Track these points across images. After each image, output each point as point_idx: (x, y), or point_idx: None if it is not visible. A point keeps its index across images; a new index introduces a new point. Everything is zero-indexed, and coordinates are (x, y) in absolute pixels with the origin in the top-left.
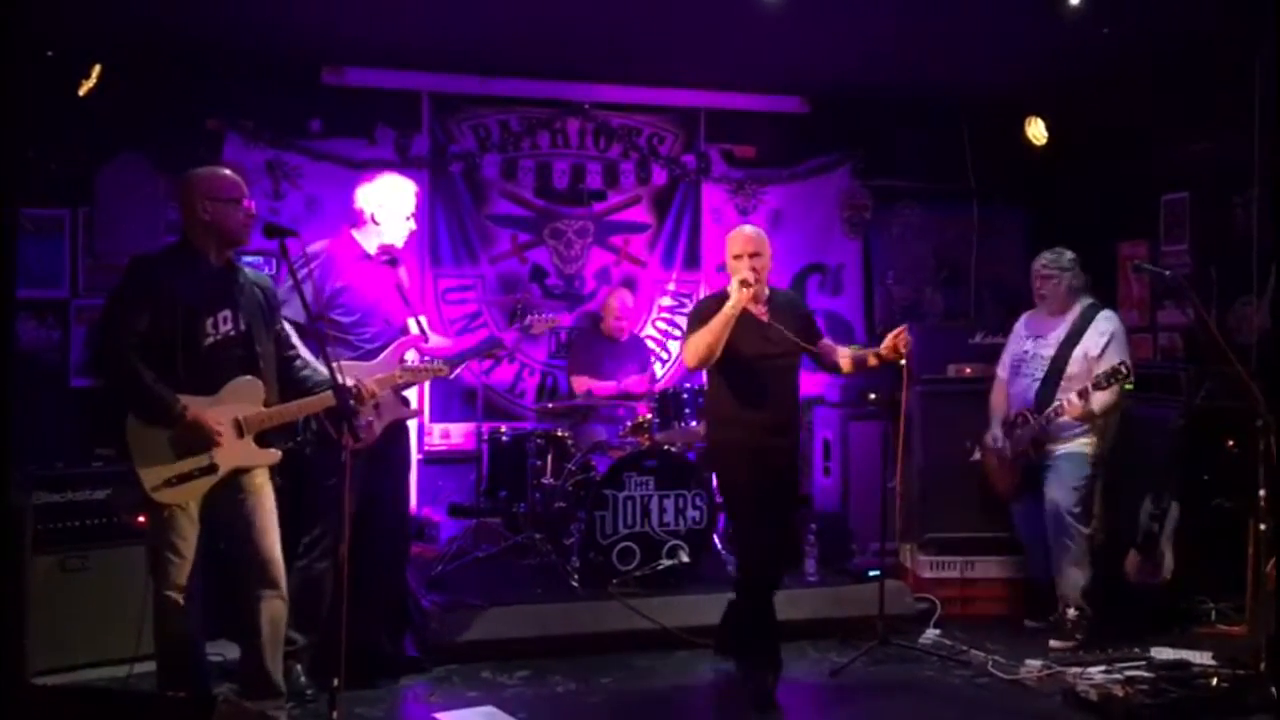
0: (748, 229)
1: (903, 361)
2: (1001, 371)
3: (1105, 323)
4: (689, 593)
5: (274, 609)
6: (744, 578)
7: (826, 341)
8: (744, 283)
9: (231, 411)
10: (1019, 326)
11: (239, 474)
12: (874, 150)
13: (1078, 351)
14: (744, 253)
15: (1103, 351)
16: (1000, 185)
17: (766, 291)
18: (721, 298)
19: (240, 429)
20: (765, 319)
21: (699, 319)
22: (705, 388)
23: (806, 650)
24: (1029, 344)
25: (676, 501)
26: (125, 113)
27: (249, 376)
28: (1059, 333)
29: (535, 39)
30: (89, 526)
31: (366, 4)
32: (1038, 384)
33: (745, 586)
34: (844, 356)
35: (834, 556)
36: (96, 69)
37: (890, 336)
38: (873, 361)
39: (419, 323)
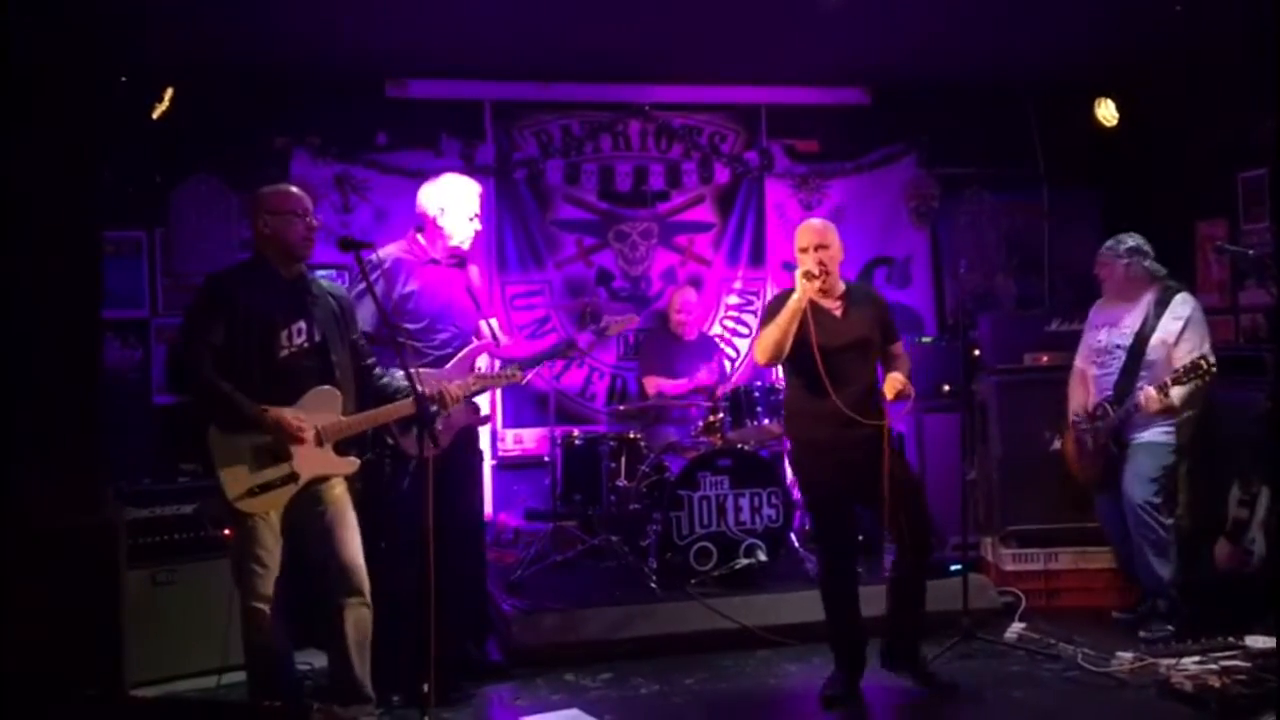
0: (815, 221)
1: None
2: (1079, 362)
3: (1181, 306)
4: (768, 591)
5: (359, 616)
6: (824, 575)
7: (897, 348)
8: (807, 274)
9: (310, 421)
10: (1091, 316)
11: (318, 484)
12: (939, 138)
13: (1155, 338)
14: (810, 245)
15: (1179, 337)
16: (1071, 168)
17: (841, 286)
18: (789, 295)
19: (319, 438)
20: (840, 313)
21: (770, 315)
22: (784, 384)
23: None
24: (1102, 334)
25: (752, 500)
26: (197, 134)
27: (326, 386)
28: (1133, 320)
29: (593, 43)
30: (177, 541)
31: (426, 17)
32: (1115, 374)
33: (824, 584)
34: (888, 378)
35: None
36: (169, 92)
37: (888, 383)
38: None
39: (490, 326)
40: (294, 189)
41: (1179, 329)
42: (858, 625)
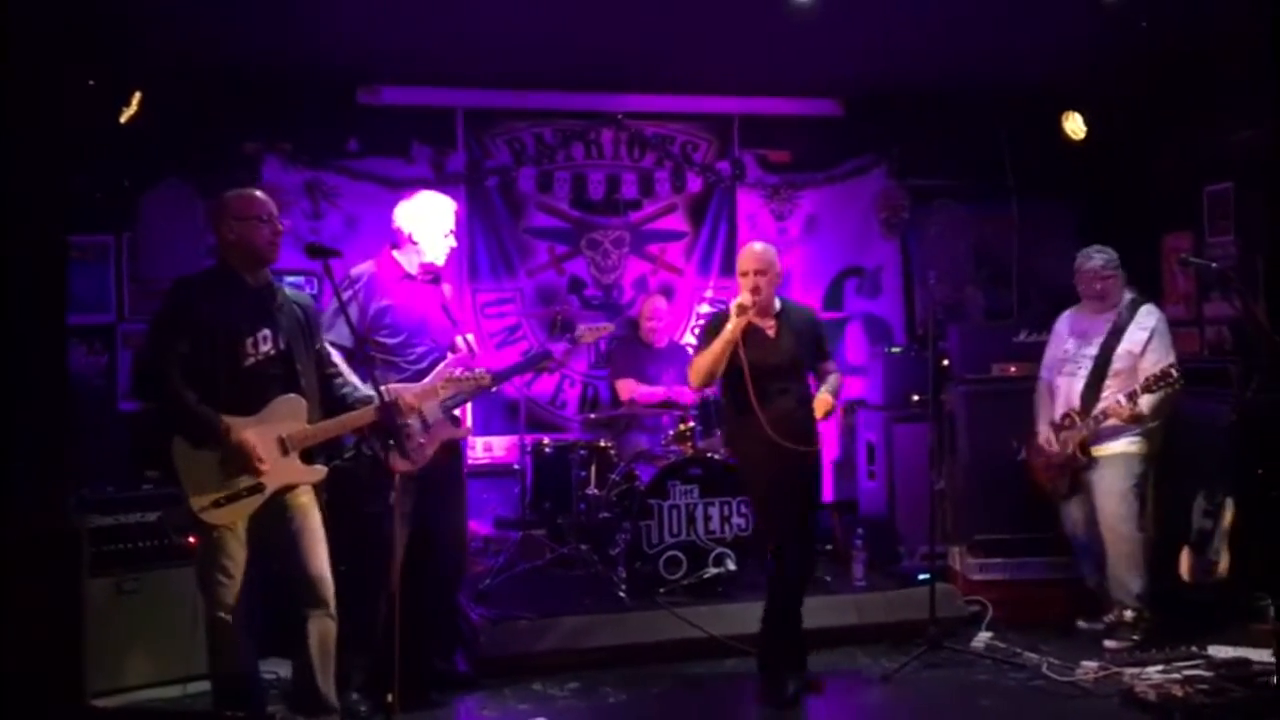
0: (756, 246)
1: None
2: (1044, 373)
3: (1147, 317)
4: (737, 600)
5: (323, 627)
6: (771, 580)
7: (829, 366)
8: (740, 307)
9: (275, 430)
10: (1060, 326)
11: (285, 493)
12: (910, 150)
13: (1121, 348)
14: (748, 270)
15: (1145, 347)
16: (1040, 180)
17: (776, 304)
18: (726, 317)
19: (284, 447)
20: (773, 333)
21: (707, 336)
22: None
23: (856, 656)
24: (1070, 344)
25: (721, 509)
26: (166, 139)
27: (291, 394)
28: (1101, 330)
29: (567, 51)
30: (141, 549)
31: (399, 23)
32: (1081, 384)
33: (771, 589)
34: (817, 399)
35: (882, 560)
36: (137, 96)
37: (816, 403)
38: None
39: (466, 340)
40: (258, 193)
41: (1145, 339)
42: (796, 627)
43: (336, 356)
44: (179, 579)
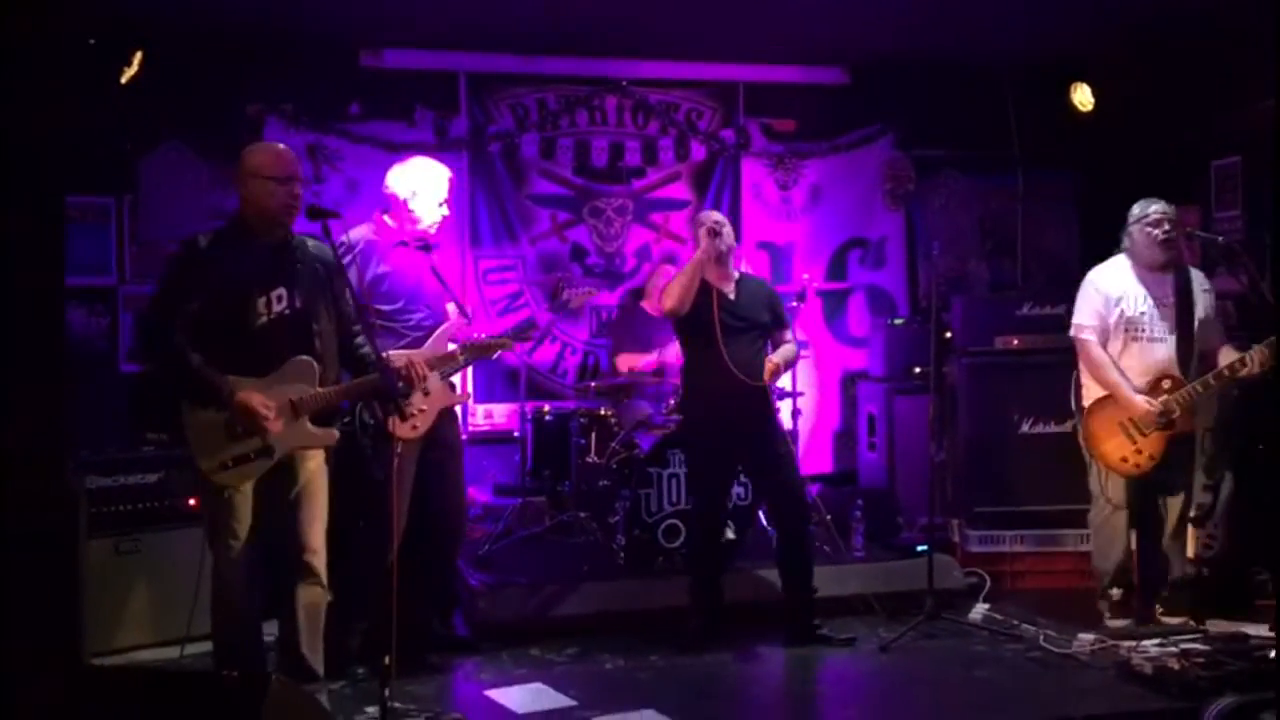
0: (714, 211)
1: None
2: (1097, 336)
3: (1204, 281)
4: (735, 569)
5: (311, 596)
6: (697, 530)
7: (784, 335)
8: (710, 231)
9: (286, 393)
10: (1126, 284)
11: (294, 456)
12: (916, 120)
13: (1198, 310)
14: (706, 221)
15: (1208, 312)
16: (1046, 152)
17: (735, 273)
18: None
19: (295, 410)
20: (733, 296)
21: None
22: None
23: (854, 626)
24: (1146, 303)
25: None
26: (167, 100)
27: (304, 356)
28: (1167, 290)
29: (571, 16)
30: (141, 510)
31: None
32: (1172, 345)
33: (697, 539)
34: (769, 358)
35: (881, 532)
36: (138, 56)
37: (766, 365)
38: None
39: (460, 306)
40: (280, 149)
41: (1211, 301)
42: (719, 574)
43: None
44: (178, 540)
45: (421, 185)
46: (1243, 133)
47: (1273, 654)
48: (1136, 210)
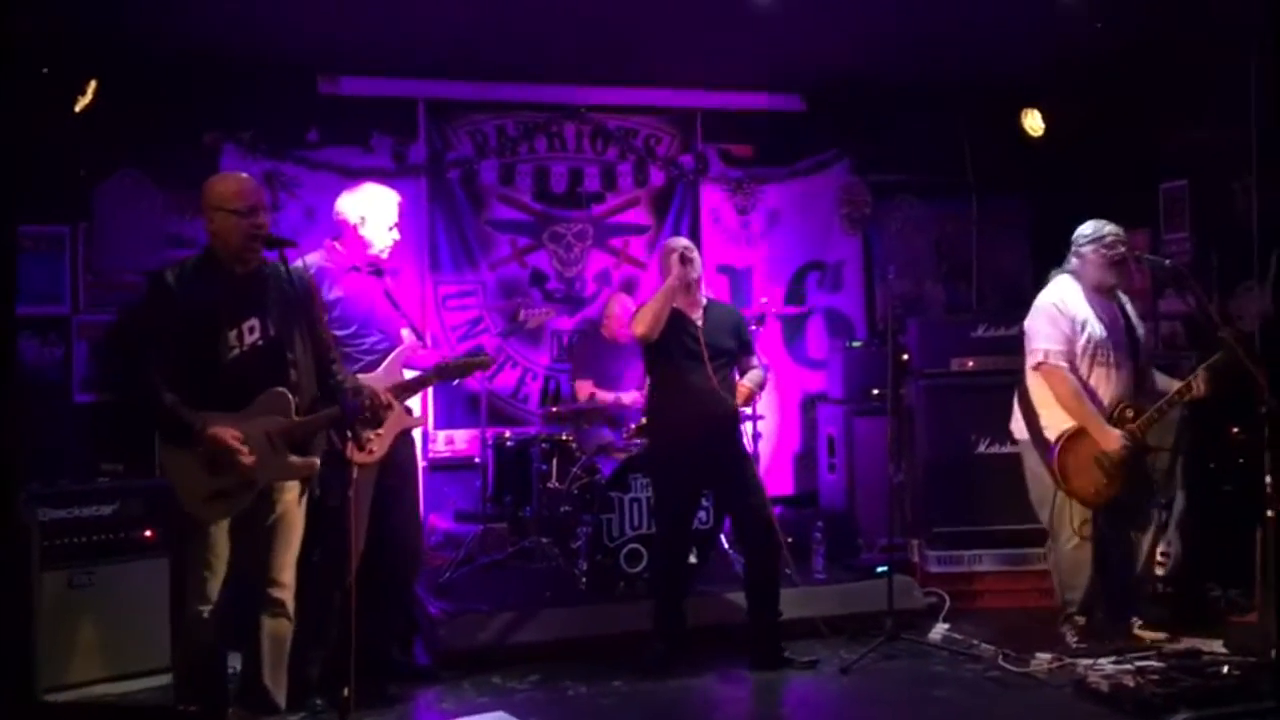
0: (682, 239)
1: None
2: (1061, 360)
3: (1130, 304)
4: (697, 593)
5: (277, 629)
6: (662, 554)
7: (751, 361)
8: (683, 257)
9: (262, 425)
10: (1072, 311)
11: (272, 486)
12: (872, 145)
13: (1140, 335)
14: (677, 248)
15: (1142, 336)
16: (999, 177)
17: (703, 300)
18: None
19: (272, 442)
20: (701, 323)
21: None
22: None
23: (815, 647)
24: (1098, 327)
25: None
26: (122, 128)
27: (279, 388)
28: (1115, 313)
29: (529, 42)
30: (95, 542)
31: (360, 12)
32: (1128, 373)
33: (661, 562)
34: (741, 382)
35: (841, 553)
36: (92, 85)
37: (738, 390)
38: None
39: (415, 330)
40: (242, 179)
41: (1144, 327)
42: (682, 599)
43: None
44: (133, 572)
45: (371, 210)
46: (1190, 156)
47: (1225, 669)
48: (1089, 230)
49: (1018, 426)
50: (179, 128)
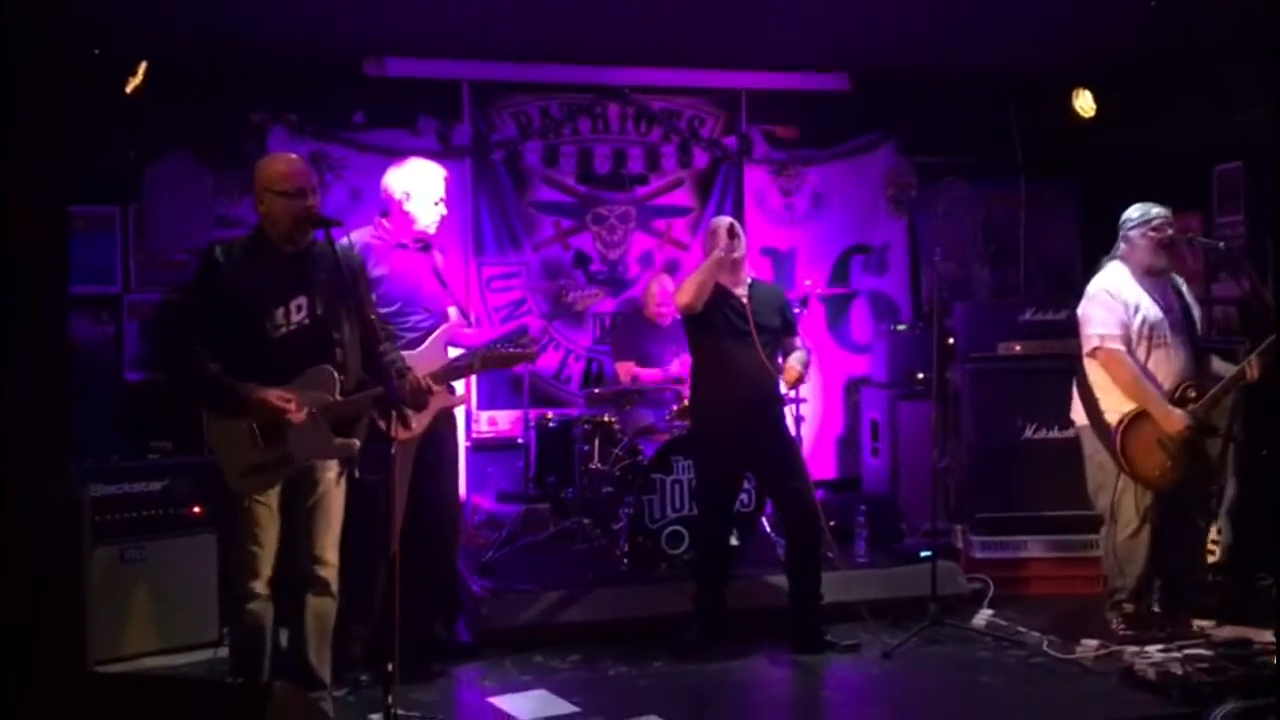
0: (727, 218)
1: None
2: (1117, 344)
3: (1186, 286)
4: (738, 575)
5: (321, 607)
6: (704, 533)
7: (795, 342)
8: (731, 230)
9: (306, 401)
10: (1137, 290)
11: (313, 466)
12: (918, 127)
13: (1195, 316)
14: (720, 228)
15: (1198, 319)
16: (1048, 159)
17: (747, 280)
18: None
19: (314, 419)
20: (746, 301)
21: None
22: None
23: (857, 632)
24: (1159, 309)
25: None
26: (172, 110)
27: (324, 365)
28: (1169, 296)
29: (573, 23)
30: (145, 518)
31: None
32: (1187, 353)
33: (703, 543)
34: (785, 367)
35: (884, 538)
36: (143, 66)
37: (785, 372)
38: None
39: (461, 309)
40: (293, 161)
41: (1197, 308)
42: (723, 581)
43: None
44: (182, 548)
45: (416, 185)
46: (1245, 138)
47: (1276, 659)
48: (1136, 214)
49: (1077, 413)
50: (227, 110)
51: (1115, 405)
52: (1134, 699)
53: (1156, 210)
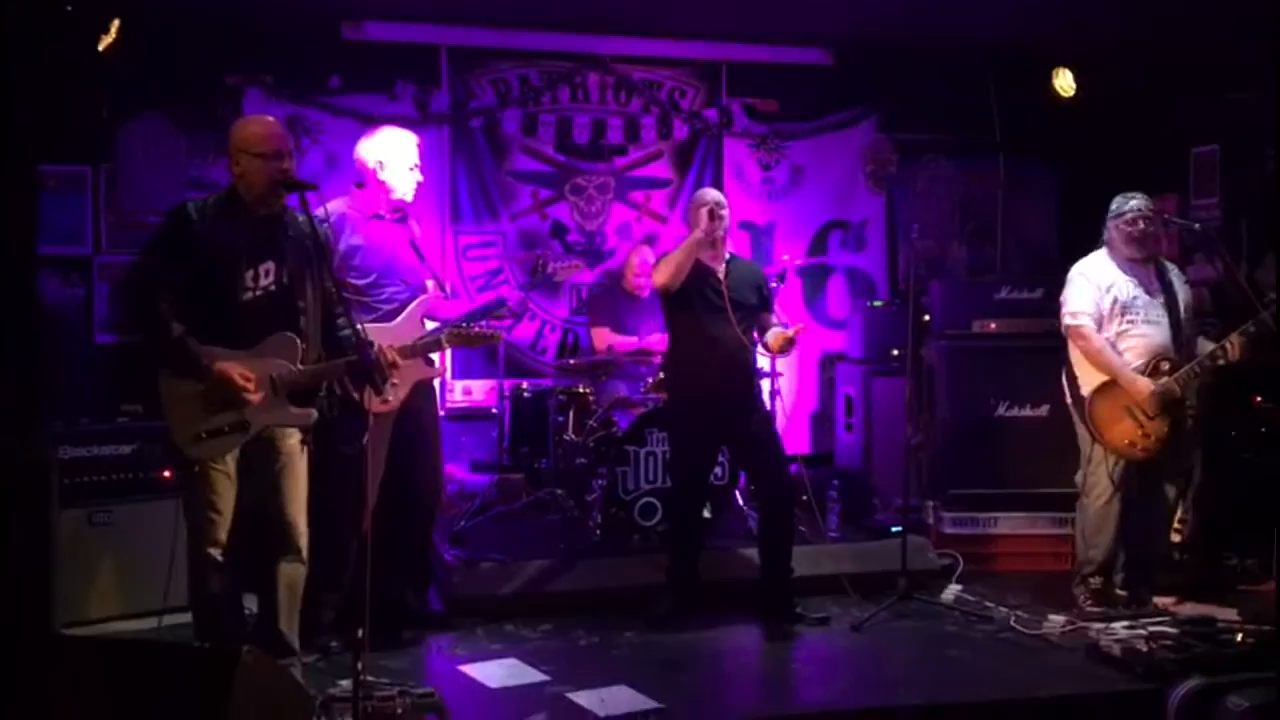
0: (714, 190)
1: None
2: (1089, 321)
3: (1179, 275)
4: (710, 548)
5: (291, 573)
6: (679, 504)
7: (769, 319)
8: (711, 212)
9: (266, 368)
10: (1099, 277)
11: (273, 434)
12: (899, 103)
13: (1181, 299)
14: (707, 203)
15: (1187, 303)
16: (1027, 138)
17: (725, 255)
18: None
19: (274, 387)
20: (723, 276)
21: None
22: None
23: (828, 605)
24: (1136, 290)
25: None
26: (146, 69)
27: (288, 333)
28: (1152, 279)
29: None
30: (115, 481)
31: None
32: (1167, 329)
33: (677, 512)
34: (771, 331)
35: (856, 513)
36: (116, 24)
37: (772, 335)
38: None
39: (439, 281)
40: (269, 123)
41: (1188, 293)
42: (696, 553)
43: None
44: (152, 511)
45: (389, 154)
46: (1222, 121)
47: (1239, 637)
48: (1114, 206)
49: (1067, 391)
50: (202, 71)
51: (1090, 379)
52: (1099, 674)
53: (1132, 203)
